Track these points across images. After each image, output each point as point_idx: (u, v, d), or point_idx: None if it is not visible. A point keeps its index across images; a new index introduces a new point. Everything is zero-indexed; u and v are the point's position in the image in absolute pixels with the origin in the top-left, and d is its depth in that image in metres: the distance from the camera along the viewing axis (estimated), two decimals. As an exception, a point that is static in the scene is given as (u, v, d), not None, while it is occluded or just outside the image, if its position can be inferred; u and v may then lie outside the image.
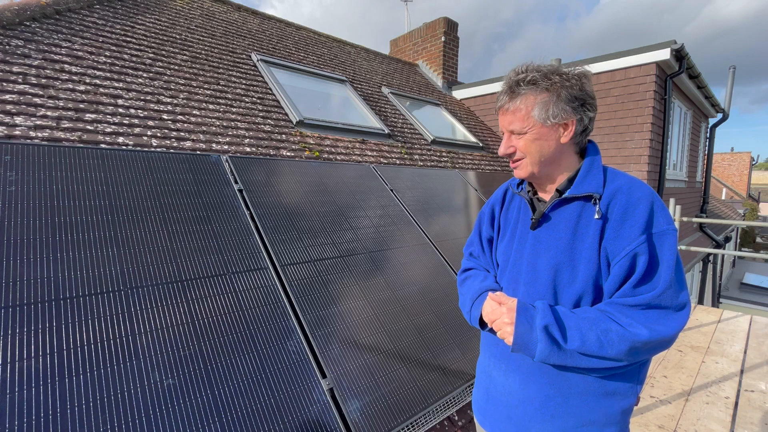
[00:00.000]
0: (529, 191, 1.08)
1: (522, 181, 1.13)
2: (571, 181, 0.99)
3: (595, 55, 5.28)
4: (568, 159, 1.01)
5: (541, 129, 0.95)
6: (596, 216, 0.92)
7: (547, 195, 1.05)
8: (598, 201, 0.93)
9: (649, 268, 0.87)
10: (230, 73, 3.58)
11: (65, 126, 2.12)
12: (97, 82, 2.56)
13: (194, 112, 2.83)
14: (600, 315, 0.88)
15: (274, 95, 3.67)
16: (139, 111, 2.53)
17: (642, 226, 0.88)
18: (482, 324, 1.08)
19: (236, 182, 2.33)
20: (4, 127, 1.91)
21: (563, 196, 0.98)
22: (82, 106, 2.31)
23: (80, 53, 2.72)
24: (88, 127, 2.20)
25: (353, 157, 3.47)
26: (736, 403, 2.40)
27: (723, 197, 21.85)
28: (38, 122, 2.05)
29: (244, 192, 2.29)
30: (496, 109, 1.04)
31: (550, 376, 0.96)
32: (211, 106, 2.98)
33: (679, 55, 4.88)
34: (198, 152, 2.40)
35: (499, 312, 0.97)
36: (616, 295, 0.90)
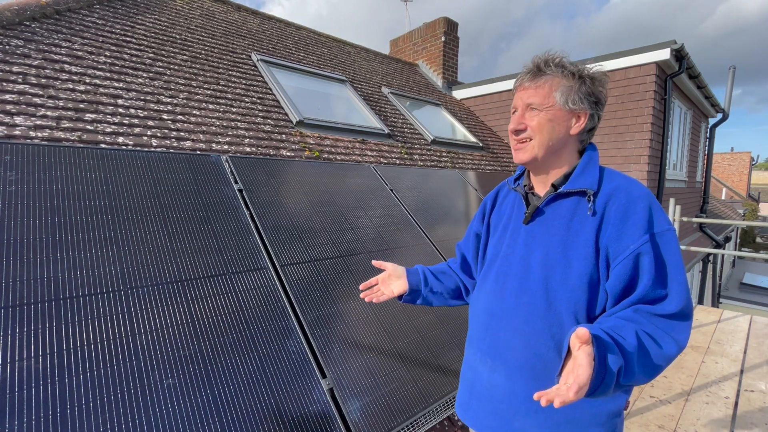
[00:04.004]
0: (525, 185, 1.08)
1: (519, 177, 1.13)
2: (567, 177, 0.99)
3: (601, 54, 5.28)
4: (570, 154, 1.01)
5: (558, 112, 0.95)
6: (588, 212, 0.92)
7: (542, 190, 1.05)
8: (592, 197, 0.93)
9: (658, 269, 0.86)
10: (230, 73, 3.58)
11: (65, 126, 2.12)
12: (97, 82, 2.56)
13: (194, 112, 2.83)
14: (640, 336, 0.81)
15: (274, 95, 3.67)
16: (139, 111, 2.53)
17: (644, 225, 0.88)
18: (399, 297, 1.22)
19: (236, 182, 2.33)
20: (4, 127, 1.91)
21: (558, 191, 0.98)
22: (82, 106, 2.31)
23: (80, 53, 2.72)
24: (88, 127, 2.20)
25: (353, 157, 3.48)
26: (736, 403, 2.40)
27: (723, 197, 21.85)
28: (38, 122, 2.05)
29: (244, 192, 2.29)
30: (513, 89, 1.03)
31: (536, 372, 0.95)
32: (211, 106, 2.98)
33: (679, 55, 4.88)
34: (198, 152, 2.40)
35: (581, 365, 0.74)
36: (631, 299, 0.87)
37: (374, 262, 1.23)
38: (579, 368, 0.71)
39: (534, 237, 1.00)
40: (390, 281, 1.22)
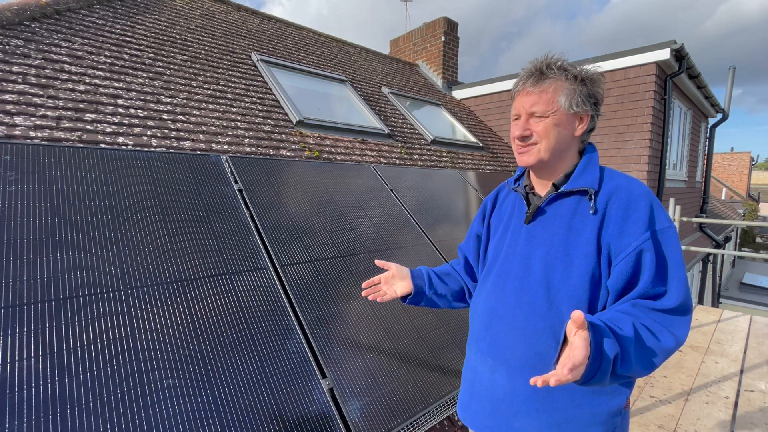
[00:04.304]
0: (526, 186, 1.08)
1: (519, 177, 1.13)
2: (567, 177, 1.00)
3: (601, 54, 5.27)
4: (572, 155, 1.01)
5: (563, 116, 0.95)
6: (591, 211, 0.93)
7: (543, 190, 1.05)
8: (593, 196, 0.94)
9: (659, 265, 0.87)
10: (230, 73, 3.58)
11: (65, 126, 2.12)
12: (97, 82, 2.56)
13: (194, 112, 2.82)
14: (638, 328, 0.82)
15: (274, 95, 3.67)
16: (138, 111, 2.53)
17: (645, 222, 0.89)
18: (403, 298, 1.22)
19: (236, 182, 2.33)
20: (4, 127, 1.91)
21: (559, 190, 0.98)
22: (81, 106, 2.31)
23: (80, 53, 2.72)
24: (88, 127, 2.20)
25: (353, 157, 3.48)
26: (736, 403, 2.40)
27: (723, 197, 21.85)
28: (38, 122, 2.04)
29: (243, 192, 2.29)
30: (514, 92, 1.02)
31: (537, 371, 0.95)
32: (211, 106, 2.98)
33: (679, 55, 4.88)
34: (198, 152, 2.40)
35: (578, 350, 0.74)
36: (632, 295, 0.88)
37: (377, 262, 1.22)
38: (575, 350, 0.72)
39: (535, 236, 1.00)
40: (393, 281, 1.22)
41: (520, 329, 0.98)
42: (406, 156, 4.08)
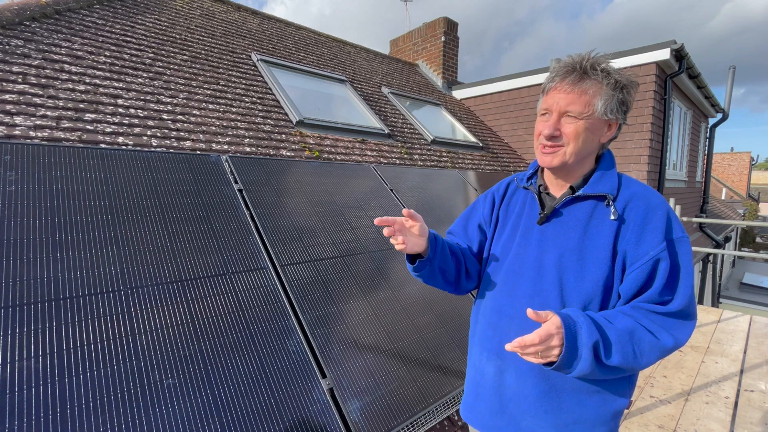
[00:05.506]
0: (540, 185, 1.06)
1: (532, 176, 1.11)
2: (585, 180, 0.99)
3: (602, 54, 5.26)
4: (591, 159, 1.01)
5: (596, 121, 0.93)
6: (612, 217, 0.92)
7: (557, 191, 1.04)
8: (612, 202, 0.93)
9: (671, 274, 0.88)
10: (230, 73, 3.58)
11: (65, 126, 2.12)
12: (97, 81, 2.56)
13: (194, 111, 2.82)
14: (633, 324, 0.86)
15: (274, 95, 3.67)
16: (138, 111, 2.53)
17: (662, 232, 0.89)
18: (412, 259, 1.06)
19: (236, 182, 2.33)
20: (4, 127, 1.91)
21: (577, 193, 0.97)
22: (81, 105, 2.31)
23: (80, 53, 2.72)
24: (88, 127, 2.20)
25: (353, 157, 3.47)
26: (736, 403, 2.40)
27: (723, 197, 21.84)
28: (38, 122, 2.05)
29: (244, 192, 2.29)
30: (546, 87, 0.97)
31: (545, 372, 0.95)
32: (211, 106, 2.98)
33: (679, 55, 4.88)
34: (198, 152, 2.40)
35: (546, 333, 0.81)
36: (640, 300, 0.89)
37: (405, 211, 1.04)
38: (533, 333, 0.81)
39: (548, 238, 0.99)
40: (409, 234, 1.05)
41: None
42: (406, 156, 4.08)
